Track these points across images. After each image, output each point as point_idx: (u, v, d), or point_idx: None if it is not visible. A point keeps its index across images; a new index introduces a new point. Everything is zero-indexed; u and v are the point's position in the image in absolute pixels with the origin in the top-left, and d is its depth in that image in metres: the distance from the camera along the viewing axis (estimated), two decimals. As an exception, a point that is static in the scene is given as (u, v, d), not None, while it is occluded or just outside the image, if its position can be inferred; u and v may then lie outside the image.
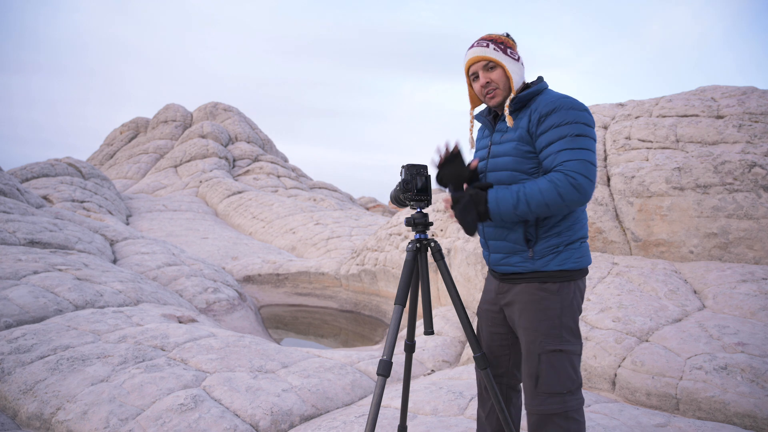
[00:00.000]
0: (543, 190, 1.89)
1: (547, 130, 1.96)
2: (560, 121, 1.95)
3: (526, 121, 2.03)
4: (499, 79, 2.07)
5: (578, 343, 2.04)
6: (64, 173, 19.56)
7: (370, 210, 27.14)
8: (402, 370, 3.44)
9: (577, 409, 2.00)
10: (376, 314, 9.46)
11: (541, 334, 2.00)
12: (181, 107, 34.42)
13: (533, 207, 1.91)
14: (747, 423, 3.09)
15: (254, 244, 15.36)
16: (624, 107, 6.93)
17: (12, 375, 3.80)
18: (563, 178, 1.87)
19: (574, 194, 1.87)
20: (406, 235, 9.01)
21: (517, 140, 2.05)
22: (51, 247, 7.43)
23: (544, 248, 2.02)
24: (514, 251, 2.08)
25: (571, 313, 2.04)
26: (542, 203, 1.90)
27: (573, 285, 2.05)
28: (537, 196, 1.90)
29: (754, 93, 5.94)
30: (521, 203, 1.92)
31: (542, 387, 1.98)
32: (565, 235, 2.03)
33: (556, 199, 1.88)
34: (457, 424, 3.08)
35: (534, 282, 2.04)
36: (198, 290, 7.90)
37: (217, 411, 3.36)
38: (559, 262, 2.02)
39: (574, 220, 2.05)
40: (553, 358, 1.98)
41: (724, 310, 4.04)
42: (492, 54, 2.06)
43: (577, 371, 2.03)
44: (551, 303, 2.01)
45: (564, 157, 1.90)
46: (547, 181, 1.90)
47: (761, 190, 4.83)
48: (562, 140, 1.92)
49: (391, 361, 2.15)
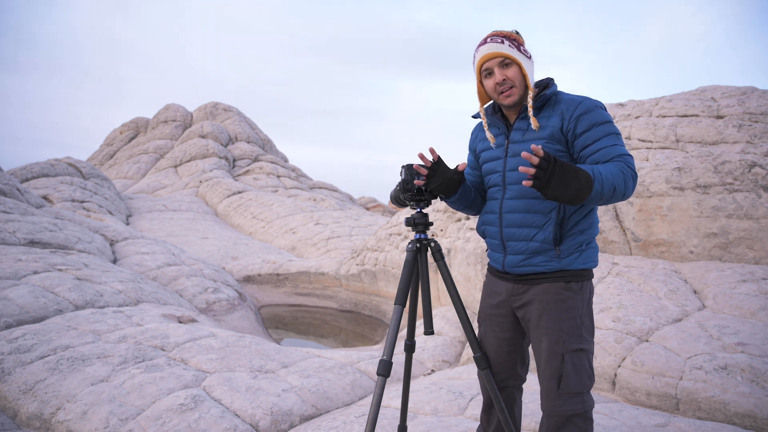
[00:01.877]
0: (615, 174, 1.84)
1: (589, 128, 1.97)
2: (599, 119, 1.98)
3: (557, 120, 2.00)
4: (515, 77, 2.02)
5: (593, 341, 2.06)
6: (64, 173, 19.55)
7: (370, 210, 27.14)
8: (402, 370, 3.44)
9: (592, 407, 2.02)
10: (376, 314, 9.46)
11: (565, 334, 1.98)
12: (181, 107, 34.41)
13: (605, 187, 1.81)
14: (747, 423, 3.09)
15: (254, 244, 15.36)
16: (624, 107, 6.93)
17: (12, 375, 3.80)
18: (627, 168, 1.89)
19: (632, 183, 1.89)
20: (406, 235, 9.01)
21: (547, 139, 2.01)
22: (51, 247, 7.43)
23: (570, 246, 2.01)
24: (539, 251, 2.03)
25: (590, 312, 2.05)
26: (612, 185, 1.82)
27: (590, 284, 2.07)
28: (610, 178, 1.82)
29: (754, 93, 5.94)
30: (597, 180, 1.80)
31: (565, 388, 1.97)
32: (588, 233, 2.04)
33: (621, 185, 1.85)
34: (457, 424, 3.08)
35: (559, 281, 2.02)
36: (198, 290, 7.90)
37: (217, 411, 3.36)
38: (582, 261, 2.03)
39: (594, 218, 2.07)
40: (575, 358, 1.98)
41: (724, 310, 4.04)
42: (508, 50, 2.01)
43: (593, 369, 2.04)
44: (575, 302, 2.01)
45: (619, 151, 1.94)
46: (615, 166, 1.87)
47: (761, 190, 4.83)
48: (608, 137, 1.96)
49: (391, 361, 2.15)
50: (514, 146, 2.08)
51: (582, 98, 2.03)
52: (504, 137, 2.13)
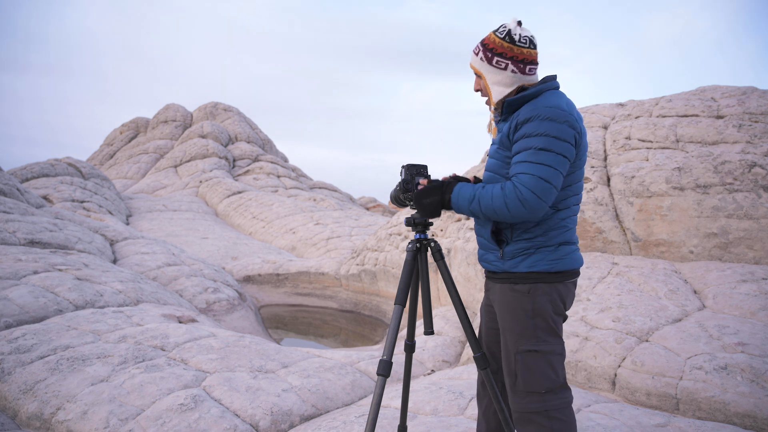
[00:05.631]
0: (494, 196, 1.93)
1: (519, 139, 1.96)
2: (532, 131, 1.91)
3: (507, 126, 2.03)
4: (485, 88, 2.11)
5: (558, 342, 2.02)
6: (64, 173, 19.55)
7: (370, 210, 27.13)
8: (402, 370, 3.44)
9: (560, 408, 1.97)
10: (376, 314, 9.46)
11: (515, 334, 2.01)
12: (181, 107, 34.41)
13: (483, 208, 1.96)
14: (747, 423, 3.09)
15: (254, 244, 15.36)
16: (624, 107, 6.93)
17: (12, 375, 3.80)
18: (512, 190, 1.88)
19: (519, 208, 1.87)
20: (406, 235, 9.01)
21: (498, 145, 2.09)
22: (51, 247, 7.43)
23: (514, 250, 2.03)
24: (488, 248, 2.12)
25: (545, 315, 2.00)
26: (490, 208, 1.94)
27: (548, 287, 2.00)
28: (487, 200, 1.94)
29: (754, 93, 5.94)
30: (474, 201, 1.98)
31: (520, 386, 2.00)
32: (538, 240, 2.00)
33: (502, 208, 1.91)
34: (457, 424, 3.08)
35: (507, 283, 2.06)
36: (198, 290, 7.90)
37: (217, 411, 3.37)
38: (529, 264, 2.00)
39: (549, 227, 2.00)
40: (527, 358, 1.99)
41: (724, 310, 4.04)
42: (477, 64, 2.08)
43: (558, 371, 2.00)
44: (523, 304, 2.01)
45: (520, 169, 1.90)
46: (500, 188, 1.93)
47: (761, 190, 4.83)
48: (526, 152, 1.90)
49: (391, 361, 2.15)
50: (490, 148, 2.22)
51: (541, 106, 1.94)
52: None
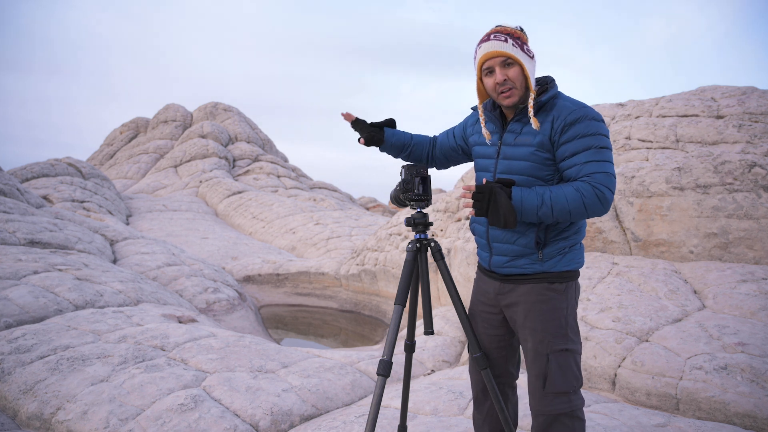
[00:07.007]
0: (569, 198, 1.89)
1: (571, 140, 1.93)
2: (585, 131, 1.92)
3: (548, 127, 1.97)
4: (516, 78, 1.97)
5: (580, 342, 2.07)
6: (64, 173, 19.55)
7: (370, 210, 27.13)
8: (402, 370, 3.44)
9: (581, 407, 2.02)
10: (376, 314, 9.46)
11: (549, 334, 2.00)
12: (181, 107, 34.40)
13: (556, 212, 1.90)
14: (747, 423, 3.09)
15: (254, 244, 15.36)
16: (624, 107, 6.93)
17: (12, 375, 3.80)
18: (590, 189, 1.87)
19: (597, 205, 1.88)
20: (406, 235, 9.01)
21: (536, 147, 1.99)
22: (51, 247, 7.43)
23: (553, 251, 2.03)
24: (522, 254, 2.05)
25: (574, 313, 2.08)
26: (566, 210, 1.89)
27: (575, 284, 2.08)
28: (562, 203, 1.89)
29: (754, 93, 5.94)
30: (545, 206, 1.90)
31: (550, 387, 1.98)
32: (572, 239, 2.05)
33: (579, 208, 1.89)
34: (457, 424, 3.08)
35: (542, 282, 2.03)
36: (198, 290, 7.90)
37: (217, 411, 3.36)
38: (566, 263, 2.04)
39: (579, 226, 2.08)
40: (560, 358, 1.99)
41: (724, 310, 4.04)
42: (511, 50, 1.94)
43: (581, 370, 2.05)
44: (559, 303, 2.02)
45: (591, 169, 1.90)
46: (573, 189, 1.89)
47: (761, 190, 4.83)
48: (588, 151, 1.91)
49: (391, 361, 2.16)
50: (506, 149, 2.07)
51: (577, 106, 1.97)
52: (498, 137, 2.11)
